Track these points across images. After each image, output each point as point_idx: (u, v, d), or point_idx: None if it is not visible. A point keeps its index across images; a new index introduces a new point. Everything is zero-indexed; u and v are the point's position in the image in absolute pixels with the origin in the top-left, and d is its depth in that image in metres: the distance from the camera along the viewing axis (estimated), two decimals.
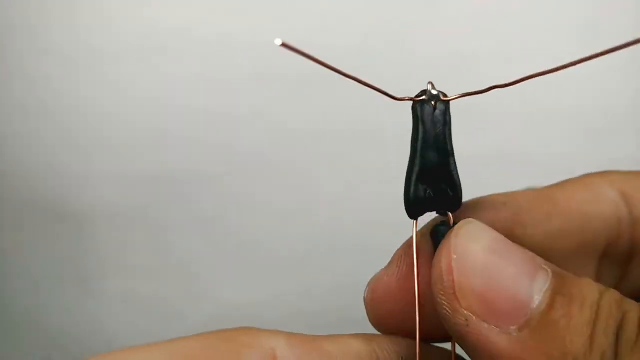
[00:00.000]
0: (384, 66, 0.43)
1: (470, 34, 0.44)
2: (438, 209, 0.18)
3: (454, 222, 0.18)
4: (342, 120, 0.45)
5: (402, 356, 0.18)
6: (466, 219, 0.17)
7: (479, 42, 0.44)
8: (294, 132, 0.46)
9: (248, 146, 0.46)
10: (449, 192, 0.18)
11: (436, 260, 0.16)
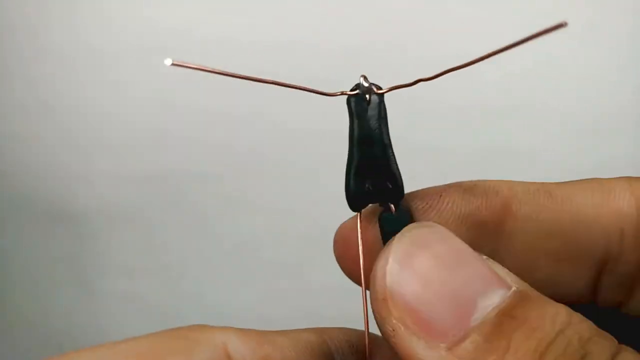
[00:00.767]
0: (384, 66, 0.43)
1: (469, 35, 0.44)
2: (380, 201, 0.18)
3: (410, 211, 0.18)
4: (342, 121, 0.45)
5: (352, 344, 0.18)
6: (421, 222, 0.17)
7: (477, 43, 0.44)
8: (293, 132, 0.46)
9: (248, 146, 0.46)
10: (389, 184, 0.18)
11: (375, 265, 0.15)
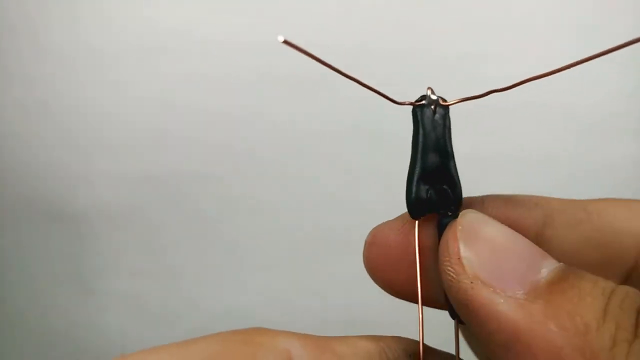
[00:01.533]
0: (386, 66, 0.43)
1: (473, 35, 0.44)
2: (439, 209, 0.18)
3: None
4: (342, 120, 0.45)
5: (409, 354, 0.18)
6: (470, 209, 0.17)
7: (480, 43, 0.44)
8: (294, 132, 0.46)
9: (248, 146, 0.46)
10: (450, 192, 0.18)
11: (442, 238, 0.16)
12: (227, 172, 0.47)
